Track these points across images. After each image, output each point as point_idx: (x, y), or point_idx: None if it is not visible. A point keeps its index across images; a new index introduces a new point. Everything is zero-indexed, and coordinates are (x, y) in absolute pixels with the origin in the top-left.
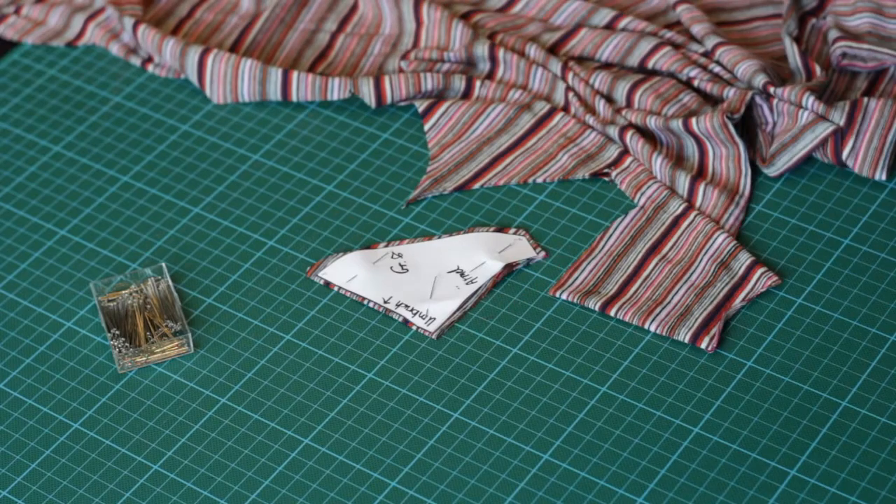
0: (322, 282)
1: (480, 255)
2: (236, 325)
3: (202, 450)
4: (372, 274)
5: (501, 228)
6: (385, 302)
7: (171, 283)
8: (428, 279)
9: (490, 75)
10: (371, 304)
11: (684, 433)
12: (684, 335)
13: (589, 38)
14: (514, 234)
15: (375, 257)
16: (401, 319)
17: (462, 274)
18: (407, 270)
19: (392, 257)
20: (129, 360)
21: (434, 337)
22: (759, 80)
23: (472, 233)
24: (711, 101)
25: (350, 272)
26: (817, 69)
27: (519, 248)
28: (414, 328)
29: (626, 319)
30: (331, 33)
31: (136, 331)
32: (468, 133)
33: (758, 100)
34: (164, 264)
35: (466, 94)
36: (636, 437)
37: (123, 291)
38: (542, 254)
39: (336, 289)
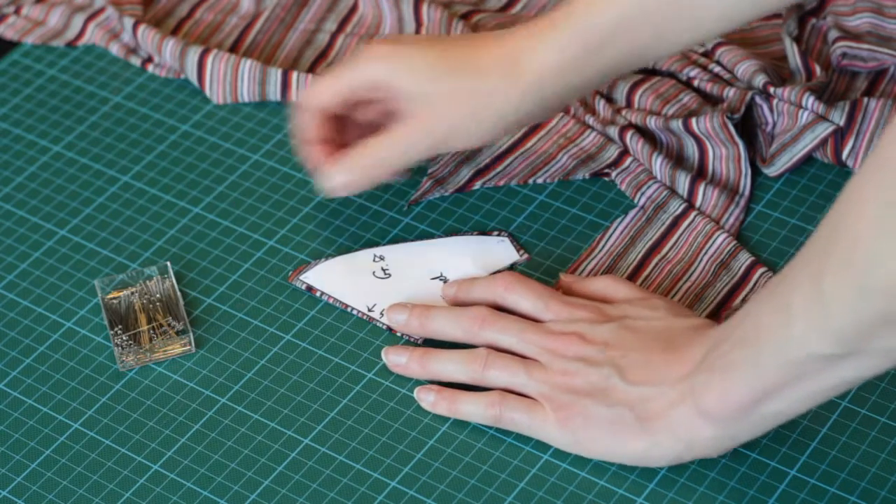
0: (304, 286)
1: (464, 261)
2: (236, 325)
3: (202, 450)
4: (354, 280)
5: (484, 231)
6: (370, 310)
7: (174, 281)
8: (410, 286)
9: None
10: (356, 313)
11: None
12: None
13: None
14: (497, 235)
15: (357, 262)
16: (385, 328)
17: (445, 281)
18: (390, 276)
19: (374, 261)
20: (132, 357)
21: (419, 342)
22: (759, 80)
23: (454, 235)
24: (711, 101)
25: (331, 278)
26: (817, 69)
27: (503, 251)
28: (399, 334)
29: None
30: (331, 33)
31: (139, 329)
32: None
33: (758, 100)
34: (168, 263)
35: None
36: None
37: (126, 290)
38: (525, 256)
39: (318, 294)
